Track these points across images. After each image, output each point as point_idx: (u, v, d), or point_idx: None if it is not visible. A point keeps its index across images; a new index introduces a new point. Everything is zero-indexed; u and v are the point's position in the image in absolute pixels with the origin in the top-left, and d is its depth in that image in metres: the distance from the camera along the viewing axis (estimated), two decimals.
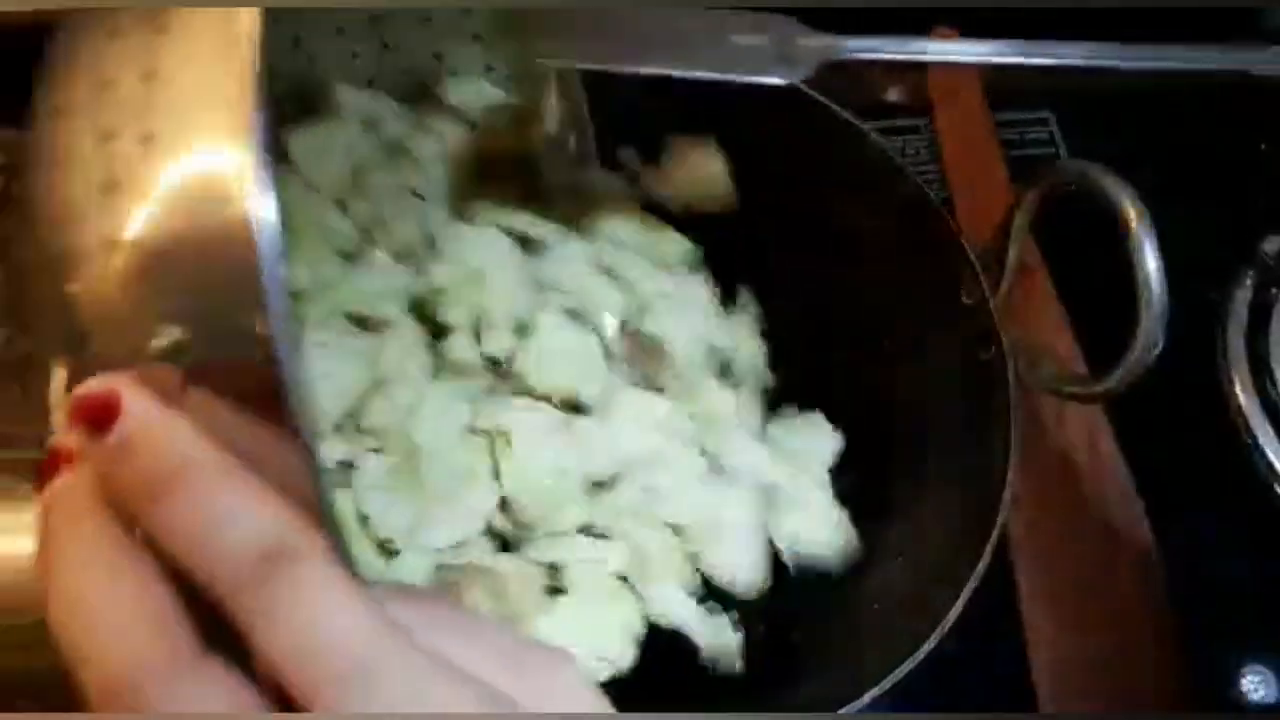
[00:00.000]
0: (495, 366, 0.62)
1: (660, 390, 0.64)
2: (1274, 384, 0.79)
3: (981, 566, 0.58)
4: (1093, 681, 0.71)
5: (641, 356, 0.63)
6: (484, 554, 0.59)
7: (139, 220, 0.29)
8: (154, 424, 0.29)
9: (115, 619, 0.28)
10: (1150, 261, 0.54)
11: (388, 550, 0.58)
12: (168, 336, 0.29)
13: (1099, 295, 0.63)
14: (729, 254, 0.74)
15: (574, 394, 0.61)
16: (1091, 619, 0.72)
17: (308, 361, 0.57)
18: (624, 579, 0.61)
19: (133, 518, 0.29)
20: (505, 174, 0.68)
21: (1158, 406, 0.68)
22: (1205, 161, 0.91)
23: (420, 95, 0.70)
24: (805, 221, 0.73)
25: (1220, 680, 0.72)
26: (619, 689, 0.62)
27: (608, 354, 0.64)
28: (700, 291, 0.69)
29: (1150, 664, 0.72)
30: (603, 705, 0.32)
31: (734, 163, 0.72)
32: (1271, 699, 0.73)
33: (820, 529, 0.64)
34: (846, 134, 0.69)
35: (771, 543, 0.64)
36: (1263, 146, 0.92)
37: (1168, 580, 0.74)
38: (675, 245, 0.71)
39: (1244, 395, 0.81)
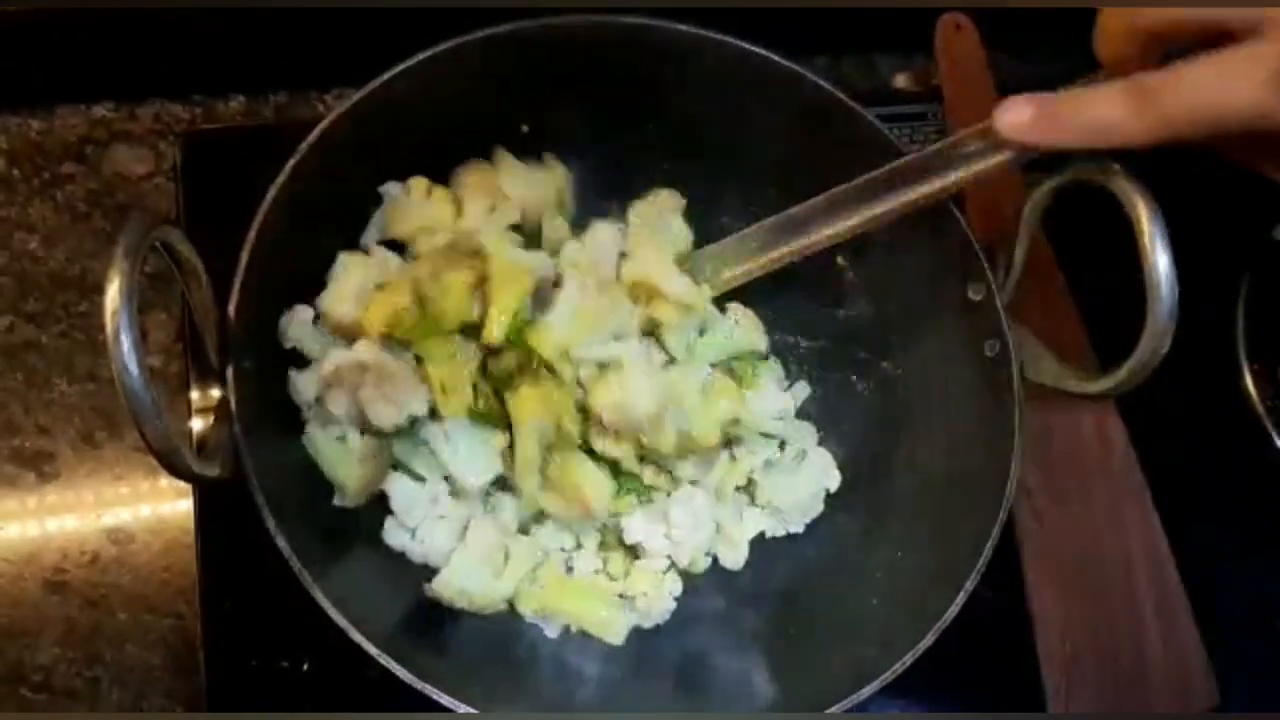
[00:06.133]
0: None
1: None
2: None
3: (982, 563, 0.58)
4: (1103, 673, 0.71)
5: None
6: None
7: None
8: None
9: None
10: (1161, 261, 0.53)
11: None
12: None
13: (1114, 289, 0.62)
14: None
15: None
16: (1102, 611, 0.73)
17: None
18: None
19: None
20: None
21: (1171, 396, 0.68)
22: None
23: None
24: None
25: (1237, 673, 0.73)
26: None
27: None
28: None
29: (1162, 656, 0.72)
30: None
31: (737, 148, 0.71)
32: None
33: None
34: (850, 120, 0.66)
35: None
36: None
37: (1183, 572, 0.74)
38: None
39: (1258, 385, 0.81)
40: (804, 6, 0.81)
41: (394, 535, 0.64)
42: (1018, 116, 0.52)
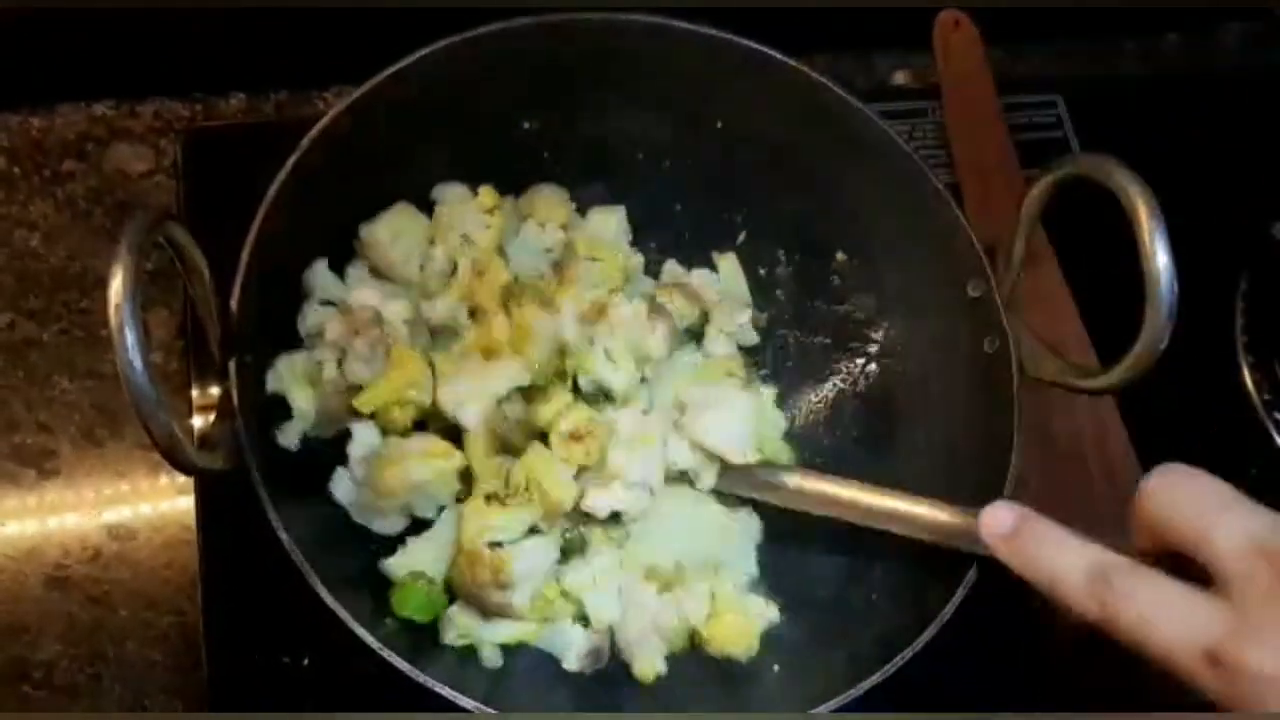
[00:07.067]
0: None
1: None
2: None
3: (981, 559, 0.58)
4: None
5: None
6: None
7: None
8: None
9: None
10: (1160, 257, 0.53)
11: None
12: None
13: (1113, 285, 0.63)
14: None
15: None
16: None
17: None
18: None
19: None
20: None
21: (1170, 392, 0.68)
22: (1214, 142, 0.90)
23: None
24: (807, 208, 0.73)
25: None
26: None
27: None
28: None
29: None
30: None
31: (737, 145, 0.72)
32: None
33: None
34: (850, 117, 0.66)
35: None
36: None
37: None
38: None
39: (1257, 382, 0.81)
40: (804, 5, 0.81)
41: (340, 487, 0.61)
42: (999, 526, 0.53)
